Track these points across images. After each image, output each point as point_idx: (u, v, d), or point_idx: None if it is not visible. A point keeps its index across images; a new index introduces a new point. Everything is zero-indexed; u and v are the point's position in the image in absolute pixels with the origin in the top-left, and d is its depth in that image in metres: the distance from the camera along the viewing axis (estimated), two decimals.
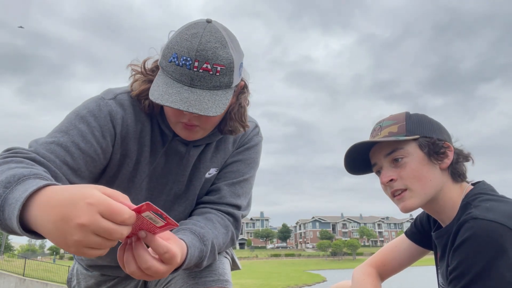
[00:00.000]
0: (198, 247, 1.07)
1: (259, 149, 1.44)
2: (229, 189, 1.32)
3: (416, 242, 1.49)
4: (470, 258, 1.04)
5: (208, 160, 1.33)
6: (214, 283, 1.25)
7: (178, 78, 1.07)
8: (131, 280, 1.47)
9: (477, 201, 1.16)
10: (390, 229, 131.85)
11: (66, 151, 1.05)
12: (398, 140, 1.24)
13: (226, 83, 1.10)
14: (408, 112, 1.34)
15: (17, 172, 0.85)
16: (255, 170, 1.42)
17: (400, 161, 1.24)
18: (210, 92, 1.08)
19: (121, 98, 1.21)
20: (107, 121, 1.15)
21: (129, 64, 1.25)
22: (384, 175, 1.26)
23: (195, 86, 1.07)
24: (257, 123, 1.46)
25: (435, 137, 1.25)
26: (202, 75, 1.06)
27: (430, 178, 1.23)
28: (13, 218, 0.75)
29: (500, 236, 1.01)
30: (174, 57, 1.07)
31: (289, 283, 42.45)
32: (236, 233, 1.30)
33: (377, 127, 1.33)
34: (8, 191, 0.80)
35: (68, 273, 1.60)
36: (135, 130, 1.22)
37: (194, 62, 1.06)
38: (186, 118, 1.14)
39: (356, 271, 1.52)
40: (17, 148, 0.99)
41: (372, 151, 1.31)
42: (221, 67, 1.08)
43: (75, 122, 1.11)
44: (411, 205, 1.24)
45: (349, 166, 1.37)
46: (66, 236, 0.69)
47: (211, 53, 1.06)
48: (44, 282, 23.37)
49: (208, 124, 1.19)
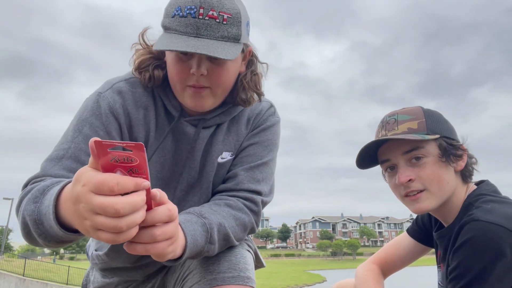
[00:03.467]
0: (197, 221, 0.99)
1: (277, 130, 1.31)
2: (247, 174, 1.20)
3: (417, 240, 1.48)
4: (469, 259, 1.03)
5: (220, 143, 1.22)
6: (233, 280, 1.09)
7: (183, 30, 1.00)
8: (148, 282, 1.38)
9: (479, 202, 1.15)
10: (390, 229, 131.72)
11: (77, 161, 1.03)
12: (424, 139, 1.17)
13: (234, 35, 1.04)
14: (423, 107, 1.28)
15: (40, 186, 0.89)
16: (275, 154, 1.29)
17: (420, 161, 1.19)
18: (218, 42, 1.01)
19: (118, 86, 1.16)
20: (107, 116, 1.11)
21: (133, 44, 1.19)
22: (402, 174, 1.20)
23: (201, 36, 1.00)
24: (272, 103, 1.34)
25: (452, 138, 1.22)
26: (209, 23, 1.00)
27: (447, 180, 1.20)
28: (53, 225, 0.79)
29: (500, 238, 1.01)
30: (177, 10, 1.01)
31: (289, 283, 42.40)
32: (255, 218, 1.18)
33: (391, 120, 1.25)
34: (39, 204, 0.84)
35: (83, 278, 1.52)
36: (137, 116, 1.16)
37: (199, 9, 1.00)
38: (194, 79, 1.06)
39: (359, 268, 1.52)
40: (33, 179, 1.00)
41: (386, 146, 1.24)
42: (228, 16, 1.02)
43: (78, 127, 1.09)
44: (427, 207, 1.20)
45: (362, 161, 1.30)
46: (82, 222, 0.69)
47: (216, 1, 1.01)
48: (44, 282, 23.34)
49: (218, 85, 1.09)
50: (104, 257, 1.27)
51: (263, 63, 1.24)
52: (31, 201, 0.86)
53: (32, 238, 0.87)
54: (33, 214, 0.84)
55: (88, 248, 1.42)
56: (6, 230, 39.28)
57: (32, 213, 0.85)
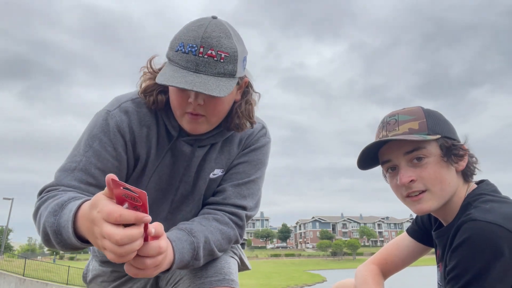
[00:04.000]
0: (186, 240, 1.11)
1: (267, 150, 1.43)
2: (234, 190, 1.33)
3: (417, 240, 1.48)
4: (467, 259, 1.03)
5: (212, 161, 1.34)
6: (220, 283, 1.27)
7: (184, 65, 1.12)
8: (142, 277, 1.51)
9: (478, 202, 1.15)
10: (390, 229, 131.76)
11: (87, 174, 1.17)
12: (425, 139, 1.18)
13: (230, 71, 1.14)
14: (423, 107, 1.28)
15: (59, 201, 1.05)
16: (263, 171, 1.41)
17: (422, 161, 1.19)
18: (214, 78, 1.12)
19: (125, 106, 1.27)
20: (115, 133, 1.23)
21: (141, 67, 1.30)
22: (403, 175, 1.20)
23: (200, 72, 1.11)
24: (264, 124, 1.45)
25: (454, 138, 1.22)
26: (207, 61, 1.11)
27: (449, 180, 1.20)
28: (71, 237, 0.97)
29: (498, 237, 1.01)
30: (181, 45, 1.13)
31: (289, 283, 42.43)
32: (239, 231, 1.31)
33: (391, 120, 1.25)
34: (58, 217, 1.02)
35: (84, 268, 1.65)
36: (141, 134, 1.27)
37: (199, 48, 1.11)
38: (192, 107, 1.17)
39: (359, 268, 1.52)
40: (47, 187, 1.16)
41: (387, 146, 1.24)
42: (225, 54, 1.13)
43: (89, 142, 1.21)
44: (429, 207, 1.20)
45: (363, 162, 1.30)
46: (95, 241, 0.86)
47: (215, 41, 1.12)
48: (44, 282, 23.36)
49: (213, 115, 1.21)
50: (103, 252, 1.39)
51: (257, 92, 1.35)
52: (51, 214, 1.03)
53: (51, 244, 1.05)
54: (53, 226, 1.01)
55: None
56: (6, 230, 39.31)
57: (52, 225, 1.02)
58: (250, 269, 1.59)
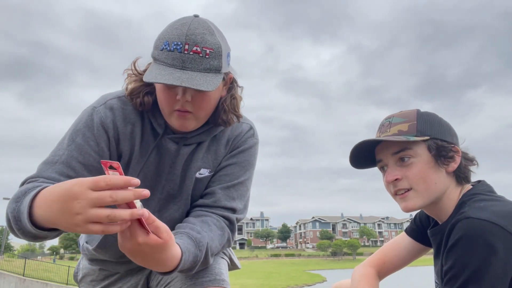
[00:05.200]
0: (193, 252, 1.11)
1: (255, 151, 1.44)
2: (224, 192, 1.33)
3: (416, 239, 1.49)
4: (463, 258, 1.04)
5: (199, 160, 1.35)
6: (210, 283, 1.29)
7: (170, 63, 1.13)
8: (131, 276, 1.50)
9: (472, 201, 1.17)
10: (390, 229, 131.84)
11: (68, 166, 1.18)
12: (408, 140, 1.22)
13: (215, 67, 1.16)
14: (419, 110, 1.31)
15: (23, 188, 1.05)
16: (251, 173, 1.42)
17: (407, 161, 1.23)
18: (201, 74, 1.14)
19: (110, 103, 1.29)
20: (99, 128, 1.24)
21: (125, 70, 1.31)
22: (389, 173, 1.26)
23: (186, 68, 1.13)
24: (252, 125, 1.46)
25: (444, 140, 1.24)
26: (193, 57, 1.13)
27: (435, 181, 1.23)
28: (27, 223, 0.94)
29: (492, 234, 1.02)
30: (165, 44, 1.14)
31: (289, 283, 42.47)
32: (232, 235, 1.32)
33: (386, 122, 1.31)
34: (19, 204, 1.00)
35: (75, 267, 1.65)
36: (124, 131, 1.28)
37: (184, 45, 1.13)
38: (180, 104, 1.18)
39: (355, 271, 1.52)
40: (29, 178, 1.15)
41: (379, 147, 1.30)
42: (210, 50, 1.14)
43: (73, 136, 1.23)
44: (413, 205, 1.24)
45: (354, 161, 1.36)
46: (73, 218, 0.82)
47: (199, 38, 1.14)
48: (44, 282, 23.38)
49: (201, 110, 1.22)
50: (93, 251, 1.43)
51: (240, 86, 1.38)
52: (13, 200, 1.02)
53: (13, 231, 1.03)
54: (14, 212, 1.00)
55: (80, 240, 1.55)
56: (6, 230, 39.32)
57: (13, 211, 1.00)
58: (240, 268, 1.62)
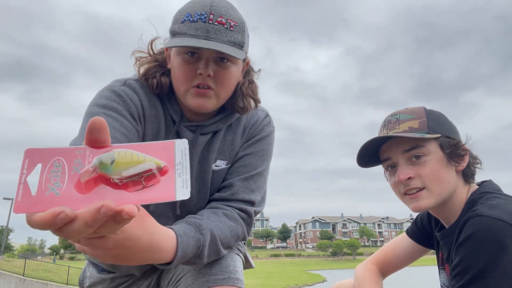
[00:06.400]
0: (193, 236, 1.01)
1: (271, 140, 1.37)
2: (242, 184, 1.25)
3: (416, 241, 1.48)
4: (472, 255, 1.03)
5: (215, 151, 1.28)
6: (224, 281, 1.17)
7: (193, 33, 1.07)
8: (144, 280, 1.41)
9: (483, 199, 1.15)
10: (390, 229, 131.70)
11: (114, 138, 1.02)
12: (423, 137, 1.18)
13: (239, 42, 1.12)
14: (425, 107, 1.29)
15: None
16: (268, 163, 1.35)
17: (420, 159, 1.19)
18: (225, 45, 1.08)
19: (130, 83, 1.20)
20: (127, 103, 1.13)
21: (133, 51, 1.23)
22: (401, 172, 1.21)
23: (210, 39, 1.07)
24: (267, 113, 1.40)
25: (456, 138, 1.23)
26: (218, 28, 1.08)
27: (448, 179, 1.20)
28: None
29: (503, 233, 1.00)
30: (188, 15, 1.09)
31: (289, 283, 42.40)
32: (247, 228, 1.24)
33: (393, 119, 1.26)
34: None
35: (80, 275, 1.54)
36: (150, 113, 1.20)
37: (209, 15, 1.08)
38: (201, 78, 1.11)
39: (358, 268, 1.52)
40: None
41: (387, 145, 1.25)
42: (234, 23, 1.11)
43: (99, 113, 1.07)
44: (426, 205, 1.20)
45: (361, 160, 1.32)
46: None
47: (224, 10, 1.10)
48: (44, 282, 23.35)
49: (222, 88, 1.15)
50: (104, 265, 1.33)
51: (257, 72, 1.31)
52: None
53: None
54: None
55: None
56: (6, 230, 39.30)
57: None
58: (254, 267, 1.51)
